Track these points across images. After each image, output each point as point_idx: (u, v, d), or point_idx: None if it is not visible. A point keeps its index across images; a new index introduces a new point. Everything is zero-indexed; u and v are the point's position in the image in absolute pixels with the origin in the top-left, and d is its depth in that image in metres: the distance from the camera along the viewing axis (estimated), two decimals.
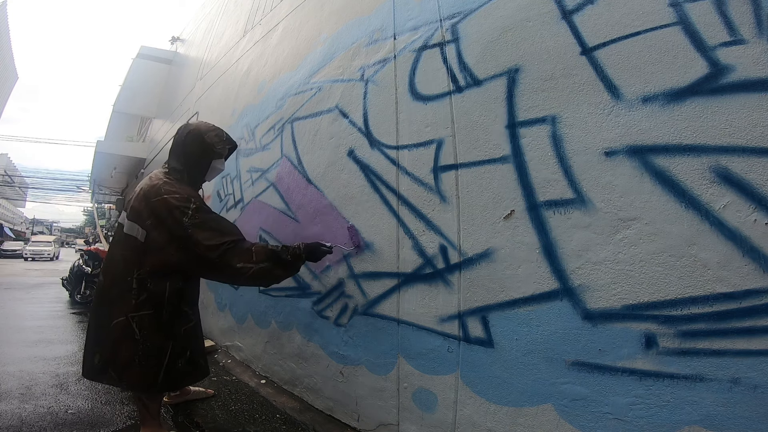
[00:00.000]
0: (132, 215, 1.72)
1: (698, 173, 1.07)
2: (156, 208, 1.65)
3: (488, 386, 1.43)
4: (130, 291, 1.67)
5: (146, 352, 1.69)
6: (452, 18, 1.74)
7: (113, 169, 10.58)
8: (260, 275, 1.70)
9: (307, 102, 2.55)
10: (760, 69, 1.00)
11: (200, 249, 1.63)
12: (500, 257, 1.44)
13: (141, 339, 1.68)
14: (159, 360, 1.72)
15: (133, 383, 1.72)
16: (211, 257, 1.64)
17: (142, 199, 1.72)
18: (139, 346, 1.67)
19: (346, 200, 2.11)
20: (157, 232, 1.65)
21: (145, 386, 1.73)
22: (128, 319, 1.66)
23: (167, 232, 1.65)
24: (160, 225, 1.65)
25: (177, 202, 1.65)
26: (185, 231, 1.62)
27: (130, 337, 1.67)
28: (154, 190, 1.71)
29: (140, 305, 1.67)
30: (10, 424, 1.90)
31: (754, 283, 0.97)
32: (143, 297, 1.67)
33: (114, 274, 1.73)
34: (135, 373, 1.69)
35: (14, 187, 48.56)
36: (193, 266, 1.72)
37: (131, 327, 1.66)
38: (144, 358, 1.68)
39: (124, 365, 1.68)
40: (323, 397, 2.14)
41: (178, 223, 1.62)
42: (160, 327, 1.72)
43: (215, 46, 5.38)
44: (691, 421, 1.03)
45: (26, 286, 8.22)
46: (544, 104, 1.38)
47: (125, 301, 1.68)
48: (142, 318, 1.67)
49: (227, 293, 3.30)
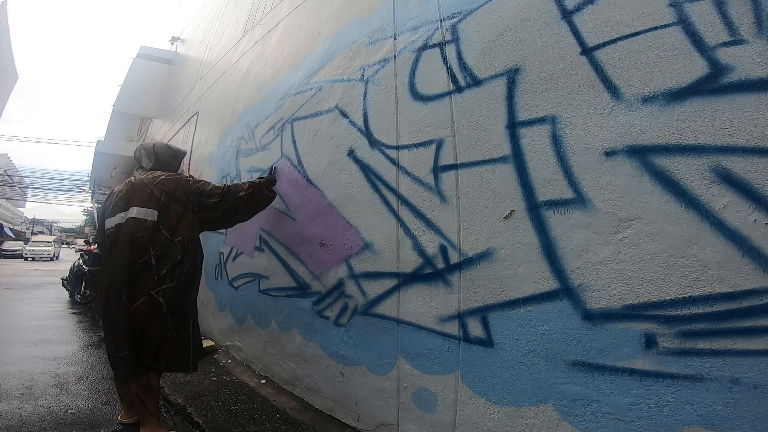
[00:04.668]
0: (138, 202, 1.89)
1: (698, 173, 1.07)
2: (165, 184, 1.94)
3: (488, 386, 1.43)
4: (149, 268, 1.81)
5: (175, 323, 1.85)
6: (452, 18, 1.74)
7: (113, 169, 10.57)
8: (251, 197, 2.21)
9: (307, 102, 2.55)
10: (760, 69, 1.00)
11: (212, 197, 2.03)
12: (500, 257, 1.44)
13: (168, 311, 1.83)
14: (186, 330, 1.91)
15: (171, 360, 1.85)
16: (219, 200, 2.05)
17: (143, 186, 1.92)
18: (168, 319, 1.83)
19: (346, 200, 2.11)
20: (172, 205, 1.92)
21: (182, 361, 1.89)
22: (151, 296, 1.80)
23: (181, 200, 1.94)
24: (173, 197, 1.93)
25: (177, 177, 2.03)
26: (196, 190, 2.00)
27: (157, 313, 1.80)
28: (153, 177, 1.97)
29: (162, 279, 1.83)
30: (10, 424, 1.90)
31: (754, 283, 0.97)
32: (164, 271, 1.84)
33: (125, 261, 1.81)
34: (170, 349, 1.82)
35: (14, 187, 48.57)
36: (209, 215, 2.04)
37: (157, 302, 1.81)
38: (175, 331, 1.84)
39: (158, 345, 1.80)
40: (323, 397, 2.14)
41: (187, 187, 1.98)
42: (183, 293, 1.90)
43: (215, 46, 5.38)
44: (691, 421, 1.03)
45: (26, 286, 8.22)
46: (544, 104, 1.38)
47: (145, 281, 1.80)
48: (165, 291, 1.83)
49: (227, 293, 3.30)
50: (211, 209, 2.02)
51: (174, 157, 2.25)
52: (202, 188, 2.03)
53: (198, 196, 1.99)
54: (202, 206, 1.99)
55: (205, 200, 2.00)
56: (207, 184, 2.11)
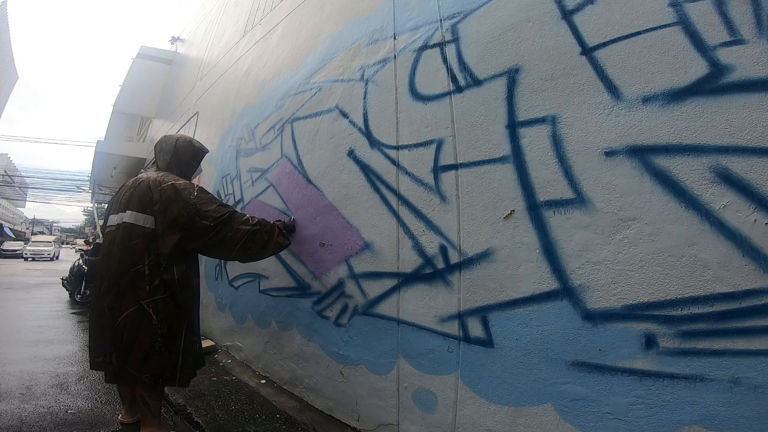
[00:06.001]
0: (136, 206, 1.81)
1: (698, 173, 1.07)
2: (165, 191, 1.80)
3: (488, 386, 1.43)
4: (142, 278, 1.73)
5: (165, 336, 1.75)
6: (452, 18, 1.74)
7: (113, 169, 10.57)
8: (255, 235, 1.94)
9: (307, 102, 2.55)
10: (760, 69, 1.00)
11: (207, 219, 1.82)
12: (500, 257, 1.44)
13: (159, 323, 1.73)
14: (176, 344, 1.80)
15: (156, 372, 1.74)
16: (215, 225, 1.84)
17: (147, 189, 1.83)
18: (158, 331, 1.73)
19: (346, 200, 2.11)
20: (165, 215, 1.78)
21: (169, 374, 1.78)
22: (142, 306, 1.71)
23: (175, 211, 1.79)
24: (169, 207, 1.79)
25: (183, 186, 1.86)
26: (193, 206, 1.81)
27: (146, 324, 1.72)
28: (159, 181, 1.85)
29: (154, 290, 1.74)
30: (10, 424, 1.90)
31: (754, 283, 0.97)
32: (156, 282, 1.75)
33: (117, 267, 1.74)
34: (156, 362, 1.73)
35: (14, 187, 48.56)
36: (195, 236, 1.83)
37: (147, 313, 1.72)
38: (164, 343, 1.74)
39: (144, 356, 1.71)
40: (323, 397, 2.14)
41: (186, 201, 1.81)
42: (176, 308, 1.80)
43: (215, 46, 5.38)
44: (691, 421, 1.03)
45: (26, 286, 8.22)
46: (544, 104, 1.38)
47: (136, 290, 1.72)
48: (156, 303, 1.74)
49: (227, 293, 3.30)
50: (199, 232, 1.81)
51: (195, 155, 2.14)
52: (200, 206, 1.82)
53: (192, 212, 1.79)
54: (191, 224, 1.79)
55: (198, 220, 1.79)
56: (210, 202, 1.87)
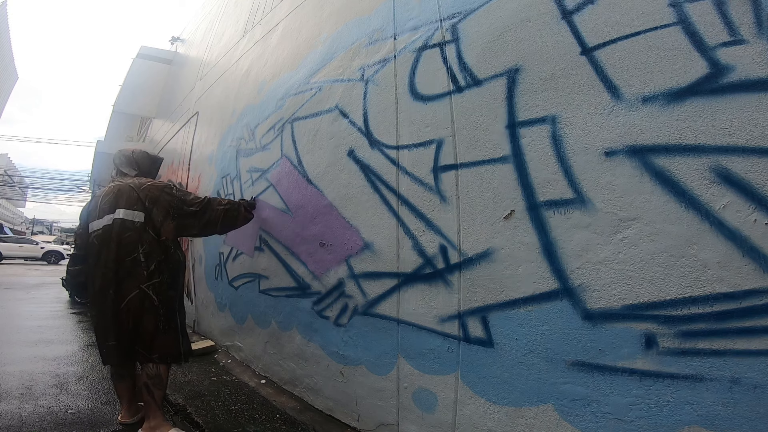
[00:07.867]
0: (125, 205, 1.99)
1: (698, 173, 1.07)
2: (150, 191, 2.04)
3: (488, 386, 1.43)
4: (139, 264, 1.91)
5: (167, 316, 1.95)
6: (452, 18, 1.74)
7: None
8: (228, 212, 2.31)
9: (307, 102, 2.55)
10: (760, 69, 1.00)
11: (192, 206, 2.15)
12: (500, 257, 1.44)
13: (160, 304, 1.92)
14: (176, 324, 2.01)
15: (165, 353, 1.91)
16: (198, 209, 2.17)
17: (130, 191, 2.04)
18: (160, 311, 1.92)
19: (346, 200, 2.11)
20: (155, 210, 2.02)
21: (176, 353, 1.96)
22: (142, 290, 1.89)
23: (164, 206, 2.04)
24: (157, 202, 2.03)
25: (163, 185, 2.14)
26: (178, 198, 2.11)
27: (150, 306, 1.89)
28: (138, 183, 2.08)
29: (151, 274, 1.93)
30: (10, 424, 1.90)
31: (754, 283, 0.97)
32: (153, 266, 1.94)
33: (113, 259, 1.88)
34: (162, 341, 1.90)
35: (14, 187, 48.53)
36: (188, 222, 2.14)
37: (148, 296, 1.90)
38: (167, 323, 1.94)
39: (151, 336, 1.87)
40: (323, 397, 2.14)
41: (171, 194, 2.09)
42: (169, 288, 2.00)
43: (215, 46, 5.38)
44: (691, 421, 1.03)
45: (26, 286, 8.22)
46: (544, 104, 1.38)
47: (135, 276, 1.89)
48: (155, 285, 1.92)
49: (227, 293, 3.30)
50: (190, 217, 2.13)
51: (153, 164, 2.40)
52: (184, 197, 2.16)
53: (179, 203, 2.11)
54: (182, 213, 2.10)
55: (186, 208, 2.12)
56: (188, 194, 2.25)
